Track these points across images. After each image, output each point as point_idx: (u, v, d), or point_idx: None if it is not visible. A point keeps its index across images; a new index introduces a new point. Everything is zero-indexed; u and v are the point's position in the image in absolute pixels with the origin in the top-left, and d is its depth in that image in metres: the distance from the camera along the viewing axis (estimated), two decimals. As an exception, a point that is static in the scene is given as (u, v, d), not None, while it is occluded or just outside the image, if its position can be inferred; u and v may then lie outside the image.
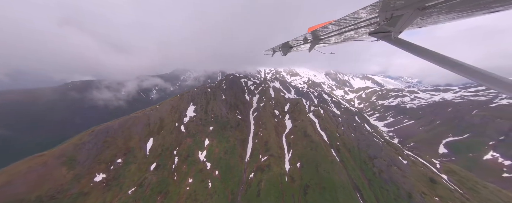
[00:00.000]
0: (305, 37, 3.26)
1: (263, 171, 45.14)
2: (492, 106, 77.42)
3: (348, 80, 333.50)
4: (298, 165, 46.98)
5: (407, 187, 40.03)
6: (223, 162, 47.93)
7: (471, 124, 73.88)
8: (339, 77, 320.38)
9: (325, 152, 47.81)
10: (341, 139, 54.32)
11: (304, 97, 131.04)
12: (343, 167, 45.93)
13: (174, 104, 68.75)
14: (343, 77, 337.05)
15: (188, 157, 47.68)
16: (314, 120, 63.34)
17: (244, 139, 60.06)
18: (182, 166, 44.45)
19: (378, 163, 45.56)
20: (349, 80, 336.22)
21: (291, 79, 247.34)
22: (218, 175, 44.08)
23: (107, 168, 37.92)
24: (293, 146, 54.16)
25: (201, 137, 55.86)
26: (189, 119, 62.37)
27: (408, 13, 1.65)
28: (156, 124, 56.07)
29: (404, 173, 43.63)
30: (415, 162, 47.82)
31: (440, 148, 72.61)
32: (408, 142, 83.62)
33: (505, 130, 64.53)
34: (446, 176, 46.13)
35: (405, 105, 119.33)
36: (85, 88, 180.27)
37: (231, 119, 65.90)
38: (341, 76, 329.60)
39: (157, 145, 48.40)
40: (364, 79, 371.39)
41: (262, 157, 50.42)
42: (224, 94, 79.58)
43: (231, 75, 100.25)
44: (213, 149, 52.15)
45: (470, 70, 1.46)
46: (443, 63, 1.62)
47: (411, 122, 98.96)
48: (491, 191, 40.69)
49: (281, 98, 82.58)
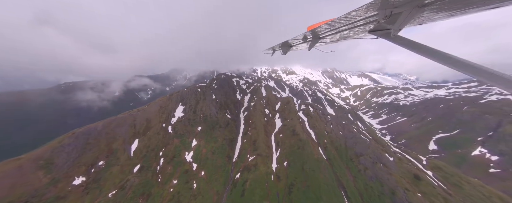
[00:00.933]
0: (304, 36, 3.27)
1: (250, 171, 45.29)
2: (481, 102, 78.57)
3: (345, 78, 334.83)
4: (285, 164, 47.24)
5: (391, 183, 40.55)
6: (210, 163, 47.96)
7: (461, 120, 74.95)
8: (336, 75, 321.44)
9: (312, 150, 48.11)
10: (329, 137, 54.70)
11: (298, 95, 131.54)
12: (329, 165, 46.30)
13: (162, 104, 68.40)
14: (340, 75, 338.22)
15: (174, 158, 47.60)
16: (303, 119, 63.62)
17: (233, 138, 60.13)
18: (168, 167, 44.38)
19: (363, 160, 46.04)
20: (346, 78, 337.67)
21: (287, 77, 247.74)
22: (204, 175, 44.12)
23: (88, 171, 37.68)
24: (281, 145, 54.40)
25: (189, 138, 55.76)
26: (177, 119, 62.16)
27: (408, 11, 1.67)
28: (143, 125, 55.77)
29: (390, 170, 44.16)
30: (402, 159, 48.41)
31: (430, 144, 73.61)
32: (399, 139, 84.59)
33: (493, 126, 65.58)
34: (431, 172, 46.80)
35: (399, 102, 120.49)
36: (77, 89, 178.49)
37: (220, 119, 65.82)
38: (338, 74, 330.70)
39: (142, 146, 48.21)
40: (361, 77, 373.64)
41: (250, 157, 50.56)
42: (214, 94, 79.34)
43: (223, 74, 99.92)
44: (201, 149, 52.12)
45: (470, 67, 1.47)
46: (443, 60, 1.64)
47: (404, 119, 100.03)
48: (474, 186, 41.44)
49: (272, 97, 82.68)
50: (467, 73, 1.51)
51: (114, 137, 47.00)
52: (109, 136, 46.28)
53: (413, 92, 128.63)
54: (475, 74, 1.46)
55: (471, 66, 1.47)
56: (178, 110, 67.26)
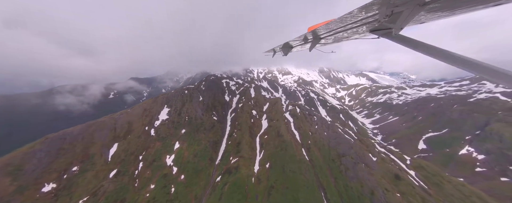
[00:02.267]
0: (305, 37, 3.29)
1: (231, 174, 45.35)
2: (471, 100, 79.51)
3: (342, 78, 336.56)
4: (268, 165, 47.35)
5: (371, 184, 40.80)
6: (191, 166, 47.94)
7: (450, 119, 75.72)
8: (333, 74, 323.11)
9: (294, 152, 48.32)
10: (313, 137, 54.99)
11: (291, 96, 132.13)
12: (311, 166, 46.51)
13: (147, 107, 68.44)
14: (338, 74, 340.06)
15: (154, 161, 47.55)
16: (289, 119, 63.93)
17: (218, 140, 60.19)
18: (146, 172, 44.32)
19: (345, 161, 46.31)
20: (343, 78, 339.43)
21: (283, 78, 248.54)
22: (183, 179, 44.08)
23: (59, 177, 37.49)
24: (265, 146, 54.56)
25: (171, 140, 55.76)
26: (161, 122, 62.18)
27: (409, 9, 1.68)
28: (124, 128, 55.71)
29: (371, 170, 44.45)
30: (385, 159, 48.75)
31: (420, 143, 74.19)
32: (390, 138, 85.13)
33: (481, 124, 66.34)
34: (414, 172, 47.15)
35: (392, 101, 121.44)
36: (69, 93, 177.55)
37: (205, 121, 65.94)
38: (336, 74, 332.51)
39: (121, 150, 48.12)
40: (359, 76, 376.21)
41: (233, 159, 50.64)
42: (202, 95, 79.55)
43: (212, 76, 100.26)
44: (183, 152, 52.12)
45: (473, 64, 1.49)
46: (445, 58, 1.64)
47: (396, 118, 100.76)
48: (455, 186, 41.82)
49: (261, 99, 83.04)
50: (470, 70, 1.52)
51: (92, 141, 46.90)
52: (86, 140, 46.18)
53: (406, 91, 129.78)
54: (478, 71, 1.46)
55: (473, 64, 1.49)
56: (163, 113, 67.32)
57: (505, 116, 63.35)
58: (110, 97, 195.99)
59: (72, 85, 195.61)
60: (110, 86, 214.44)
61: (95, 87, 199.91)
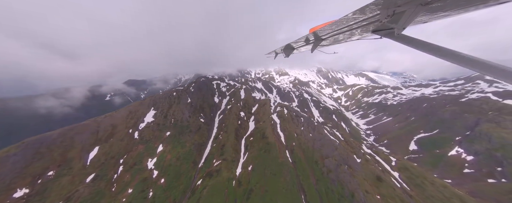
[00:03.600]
0: (307, 38, 3.32)
1: (212, 177, 45.56)
2: (462, 101, 79.85)
3: (341, 78, 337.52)
4: (250, 168, 47.57)
5: (352, 186, 40.99)
6: (172, 169, 48.18)
7: (441, 119, 75.99)
8: (331, 75, 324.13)
9: (277, 154, 48.58)
10: (297, 139, 55.26)
11: (285, 97, 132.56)
12: (294, 168, 46.71)
13: (133, 109, 68.88)
14: (336, 75, 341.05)
15: (135, 165, 47.81)
16: (276, 121, 64.27)
17: (203, 143, 60.49)
18: (126, 176, 44.55)
19: (328, 163, 46.53)
20: (342, 78, 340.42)
21: (280, 78, 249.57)
22: (163, 183, 44.28)
23: (33, 182, 37.68)
24: (250, 148, 54.83)
25: (155, 143, 56.06)
26: (146, 125, 62.55)
27: (411, 9, 1.69)
28: (107, 131, 56.07)
29: (354, 172, 44.64)
30: (369, 160, 48.97)
31: (411, 144, 74.36)
32: (382, 139, 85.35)
33: (471, 125, 66.58)
34: (398, 173, 47.35)
35: (387, 101, 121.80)
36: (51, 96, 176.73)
37: (192, 123, 66.31)
38: (334, 74, 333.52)
39: (102, 154, 48.42)
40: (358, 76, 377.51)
41: (216, 162, 50.89)
42: (190, 97, 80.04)
43: (203, 77, 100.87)
44: (165, 155, 52.38)
45: (476, 62, 1.51)
46: (449, 57, 1.66)
47: (389, 119, 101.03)
48: (437, 187, 41.98)
49: (250, 100, 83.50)
50: (473, 69, 1.53)
51: (72, 145, 47.23)
52: (65, 144, 46.51)
53: (402, 92, 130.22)
54: (482, 69, 1.48)
55: (476, 62, 1.50)
56: (149, 115, 67.73)
57: (495, 116, 63.64)
58: (96, 100, 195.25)
59: (55, 89, 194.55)
60: (96, 89, 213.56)
61: (79, 89, 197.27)
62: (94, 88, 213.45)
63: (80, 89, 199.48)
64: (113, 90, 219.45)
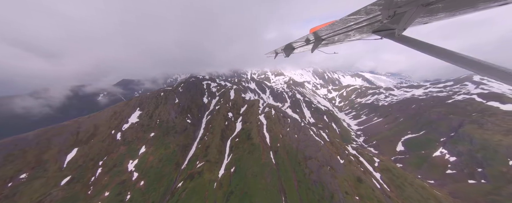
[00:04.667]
0: (307, 38, 3.33)
1: (193, 179, 45.43)
2: (449, 102, 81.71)
3: (337, 78, 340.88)
4: (232, 170, 47.62)
5: (332, 187, 41.47)
6: (153, 171, 47.83)
7: (428, 120, 77.58)
8: (328, 75, 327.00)
9: (260, 155, 48.77)
10: (282, 140, 55.60)
11: (278, 97, 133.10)
12: (276, 169, 46.97)
13: (117, 109, 68.10)
14: (333, 75, 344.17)
15: (114, 167, 47.27)
16: (263, 122, 64.50)
17: (188, 144, 60.23)
18: (104, 178, 43.99)
19: (310, 164, 46.96)
20: (338, 78, 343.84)
21: (275, 79, 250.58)
22: (142, 185, 43.91)
23: (2, 186, 36.81)
24: (234, 150, 54.89)
25: (138, 145, 55.56)
26: (130, 126, 61.93)
27: (412, 10, 1.69)
28: (88, 132, 55.28)
29: (336, 173, 45.18)
30: (352, 161, 49.61)
31: (398, 145, 75.61)
32: (372, 140, 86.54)
33: (455, 126, 68.17)
34: (379, 174, 48.13)
35: (379, 102, 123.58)
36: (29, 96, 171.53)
37: (178, 124, 65.96)
38: (330, 75, 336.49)
39: (80, 155, 47.72)
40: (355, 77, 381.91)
41: (199, 163, 50.76)
42: (178, 98, 79.61)
43: (193, 77, 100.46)
44: (147, 157, 51.97)
45: (476, 64, 1.52)
46: (449, 58, 1.67)
47: (380, 120, 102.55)
48: (416, 188, 42.88)
49: (239, 100, 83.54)
50: (473, 70, 1.55)
51: (48, 146, 46.39)
52: (41, 145, 45.64)
53: (393, 93, 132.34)
54: (482, 71, 1.49)
55: (477, 63, 1.51)
56: (134, 116, 67.08)
57: (478, 118, 65.34)
58: (79, 100, 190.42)
59: (33, 88, 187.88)
60: (80, 89, 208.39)
61: (59, 89, 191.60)
62: (78, 88, 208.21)
63: (61, 89, 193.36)
64: (100, 90, 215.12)
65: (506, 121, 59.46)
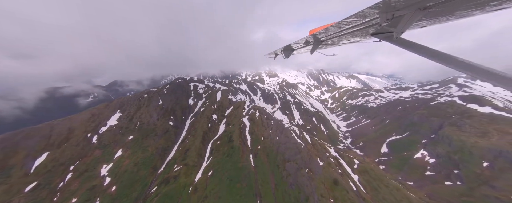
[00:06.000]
0: (306, 40, 3.38)
1: (168, 183, 44.86)
2: (431, 104, 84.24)
3: (332, 80, 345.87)
4: (210, 173, 47.34)
5: (308, 190, 41.81)
6: (127, 176, 46.94)
7: (411, 122, 79.60)
8: (322, 77, 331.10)
9: (238, 158, 48.75)
10: (264, 142, 55.80)
11: (269, 99, 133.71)
12: (254, 172, 47.00)
13: (96, 112, 66.73)
14: (328, 76, 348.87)
15: (86, 172, 46.13)
16: (246, 124, 64.62)
17: (168, 147, 59.53)
18: (73, 184, 42.83)
19: (289, 167, 47.26)
20: (334, 80, 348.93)
21: (269, 80, 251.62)
22: (114, 191, 42.97)
23: None
24: (214, 152, 54.65)
25: (114, 148, 54.50)
26: (108, 128, 60.75)
27: (410, 14, 1.72)
28: (61, 136, 53.85)
29: (314, 175, 45.62)
30: (331, 163, 50.25)
31: (383, 147, 77.09)
32: (358, 142, 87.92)
33: (436, 128, 70.21)
34: (358, 176, 48.91)
35: (368, 104, 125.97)
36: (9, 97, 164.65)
37: (159, 126, 65.17)
38: (325, 76, 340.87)
39: (50, 160, 46.36)
40: (350, 78, 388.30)
41: (177, 167, 50.20)
42: (162, 99, 78.81)
43: (179, 79, 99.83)
44: (123, 160, 51.02)
45: (472, 67, 1.54)
46: (445, 61, 1.68)
47: (368, 121, 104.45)
48: (391, 190, 43.76)
49: (225, 102, 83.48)
50: (470, 73, 1.58)
51: (15, 150, 44.88)
52: (7, 150, 44.10)
53: (383, 94, 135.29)
54: (478, 74, 1.52)
55: (473, 67, 1.54)
56: (113, 118, 65.89)
57: (457, 120, 67.57)
58: (54, 102, 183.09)
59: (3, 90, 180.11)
60: (57, 91, 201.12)
61: (32, 91, 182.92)
62: (55, 90, 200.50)
63: (35, 91, 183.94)
64: (80, 92, 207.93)
65: (483, 123, 61.78)
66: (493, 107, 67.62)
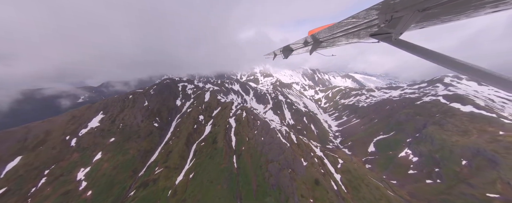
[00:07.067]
0: (305, 40, 3.43)
1: (147, 186, 44.11)
2: (417, 103, 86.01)
3: (328, 79, 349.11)
4: (191, 176, 46.84)
5: (289, 190, 41.91)
6: (105, 179, 45.91)
7: (398, 121, 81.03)
8: (318, 76, 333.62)
9: (220, 160, 48.42)
10: (248, 143, 55.65)
11: (261, 99, 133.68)
12: (236, 174, 46.80)
13: (77, 114, 65.06)
14: (324, 76, 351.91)
15: (61, 176, 44.85)
16: (232, 124, 64.31)
17: (151, 149, 58.61)
18: (46, 189, 41.55)
19: (271, 167, 47.26)
20: (329, 79, 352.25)
21: (263, 80, 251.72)
22: (90, 195, 41.94)
23: None
24: (198, 154, 54.13)
25: (93, 151, 53.23)
26: (88, 131, 59.30)
27: (408, 15, 1.72)
28: (37, 139, 52.21)
29: (296, 175, 45.78)
30: (314, 163, 50.58)
31: (370, 146, 78.20)
32: (347, 141, 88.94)
33: (420, 127, 71.68)
34: (340, 175, 49.41)
35: (359, 103, 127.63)
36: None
37: (143, 128, 64.10)
38: (321, 76, 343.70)
39: (23, 164, 44.87)
40: (345, 78, 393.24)
41: (158, 170, 49.46)
42: (148, 100, 77.59)
43: (167, 79, 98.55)
44: (102, 164, 49.88)
45: (470, 68, 1.53)
46: (443, 62, 1.67)
47: (357, 121, 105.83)
48: (370, 189, 44.37)
49: (214, 103, 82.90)
50: (466, 74, 1.58)
51: (-16, 154, 43.25)
52: (-25, 154, 42.46)
53: (374, 94, 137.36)
54: (475, 75, 1.52)
55: (471, 68, 1.54)
56: (95, 120, 64.38)
57: (440, 119, 69.17)
58: (32, 104, 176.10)
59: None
60: (36, 92, 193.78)
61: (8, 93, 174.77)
62: (32, 92, 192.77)
63: (10, 92, 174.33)
64: (61, 93, 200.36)
65: (464, 121, 63.45)
66: (474, 105, 69.55)
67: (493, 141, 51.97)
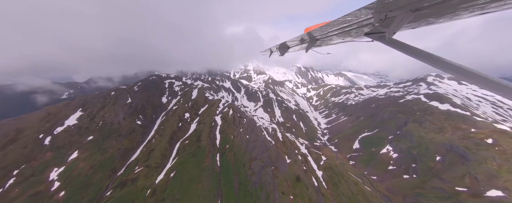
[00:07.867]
0: (301, 38, 3.46)
1: (124, 186, 42.86)
2: (400, 101, 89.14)
3: (321, 77, 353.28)
4: (172, 175, 46.01)
5: (270, 187, 42.32)
6: (80, 180, 44.09)
7: (382, 119, 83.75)
8: (311, 74, 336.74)
9: (203, 158, 47.88)
10: (232, 141, 55.37)
11: (252, 97, 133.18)
12: (218, 172, 46.54)
13: (53, 111, 61.57)
14: (317, 74, 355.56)
15: (32, 176, 42.53)
16: (218, 122, 63.60)
17: (132, 148, 56.87)
18: (14, 190, 39.27)
19: (254, 165, 47.41)
20: (322, 77, 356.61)
21: (257, 77, 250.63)
22: (62, 196, 40.15)
23: None
24: (181, 153, 53.18)
25: (69, 150, 50.82)
26: (64, 129, 56.41)
27: (402, 15, 1.77)
28: (7, 137, 48.98)
29: (278, 173, 46.24)
30: (297, 161, 51.31)
31: (355, 143, 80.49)
32: (334, 138, 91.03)
33: (401, 125, 74.48)
34: (322, 172, 50.53)
35: (348, 101, 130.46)
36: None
37: (124, 126, 61.88)
38: (314, 74, 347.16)
39: (-13, 164, 42.05)
40: (338, 76, 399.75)
41: (138, 169, 48.14)
42: (131, 97, 74.79)
43: (153, 75, 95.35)
44: (78, 163, 47.80)
45: (460, 70, 1.58)
46: (434, 63, 1.73)
47: (345, 119, 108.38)
48: (349, 185, 45.77)
49: (201, 100, 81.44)
50: (456, 75, 1.61)
51: None
52: None
53: (363, 92, 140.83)
54: (465, 76, 1.55)
55: (461, 69, 1.57)
56: (72, 117, 61.28)
57: (420, 117, 72.15)
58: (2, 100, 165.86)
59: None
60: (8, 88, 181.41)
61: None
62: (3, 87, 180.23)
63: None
64: (37, 89, 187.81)
65: (441, 119, 66.56)
66: (451, 104, 73.00)
67: (465, 137, 54.98)
